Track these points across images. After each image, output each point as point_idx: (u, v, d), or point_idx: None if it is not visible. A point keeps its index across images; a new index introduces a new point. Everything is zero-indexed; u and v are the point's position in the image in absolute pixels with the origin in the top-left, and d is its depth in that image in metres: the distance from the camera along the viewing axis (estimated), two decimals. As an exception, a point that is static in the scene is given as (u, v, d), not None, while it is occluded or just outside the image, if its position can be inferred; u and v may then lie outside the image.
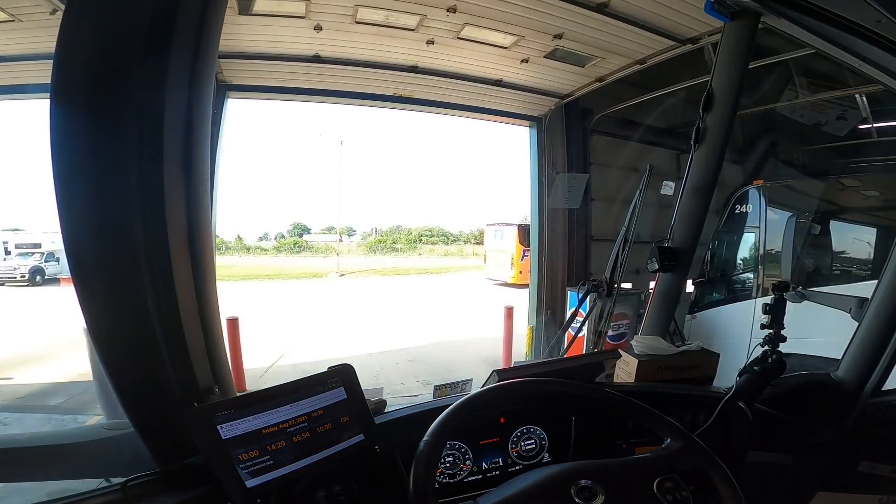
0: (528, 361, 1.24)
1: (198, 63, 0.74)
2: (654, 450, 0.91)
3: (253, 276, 18.93)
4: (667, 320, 1.66)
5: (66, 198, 0.67)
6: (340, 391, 0.90)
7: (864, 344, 1.44)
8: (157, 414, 0.82)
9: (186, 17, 0.71)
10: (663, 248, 1.64)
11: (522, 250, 13.67)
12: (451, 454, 1.05)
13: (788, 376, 1.35)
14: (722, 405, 1.16)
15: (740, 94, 1.48)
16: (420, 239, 39.89)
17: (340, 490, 0.88)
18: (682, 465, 0.86)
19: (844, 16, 1.10)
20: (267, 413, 0.80)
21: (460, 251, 37.06)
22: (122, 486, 0.77)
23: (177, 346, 0.80)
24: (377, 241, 38.52)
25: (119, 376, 0.77)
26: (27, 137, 15.57)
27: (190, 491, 0.83)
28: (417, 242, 39.44)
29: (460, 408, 0.86)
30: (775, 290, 1.20)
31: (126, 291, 0.74)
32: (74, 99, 0.65)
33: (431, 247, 39.39)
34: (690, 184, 1.60)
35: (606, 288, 1.74)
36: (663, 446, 0.91)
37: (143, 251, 0.72)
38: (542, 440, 1.13)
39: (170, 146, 0.72)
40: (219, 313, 0.92)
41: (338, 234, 30.44)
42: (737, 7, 1.40)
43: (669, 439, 0.91)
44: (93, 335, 0.73)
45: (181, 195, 0.77)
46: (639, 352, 1.40)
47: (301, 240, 39.43)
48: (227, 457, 0.74)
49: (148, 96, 0.68)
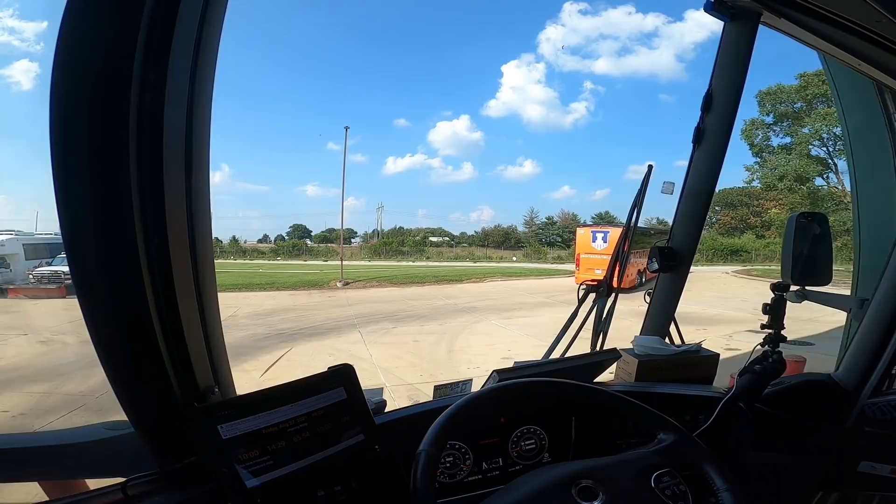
0: (529, 362, 1.23)
1: (198, 63, 0.75)
2: (648, 445, 0.92)
3: (243, 283, 15.63)
4: (667, 320, 1.66)
5: (66, 198, 0.67)
6: (340, 391, 0.90)
7: (863, 344, 1.44)
8: (157, 414, 0.82)
9: (186, 17, 0.71)
10: (663, 248, 1.64)
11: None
12: (452, 454, 1.05)
13: (788, 376, 1.35)
14: (722, 405, 1.16)
15: (741, 94, 1.48)
16: (425, 241, 39.37)
17: (340, 490, 0.88)
18: (676, 458, 0.87)
19: (844, 16, 1.10)
20: (267, 413, 0.80)
21: (470, 254, 36.44)
22: (122, 486, 0.77)
23: (177, 346, 0.80)
24: (382, 243, 37.82)
25: (119, 376, 0.77)
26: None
27: (190, 491, 0.83)
28: (425, 244, 38.74)
29: (461, 408, 0.86)
30: (775, 290, 1.20)
31: (126, 291, 0.73)
32: (74, 99, 0.65)
33: (437, 248, 38.63)
34: (690, 184, 1.60)
35: (607, 288, 1.74)
36: (656, 441, 0.92)
37: (143, 251, 0.72)
38: (542, 440, 1.13)
39: (170, 146, 0.72)
40: (219, 313, 0.92)
41: (340, 236, 28.95)
42: (737, 7, 1.40)
43: (661, 433, 0.92)
44: (93, 335, 0.73)
45: (181, 195, 0.77)
46: (639, 352, 1.40)
47: (300, 241, 38.95)
48: (226, 457, 0.74)
49: (148, 96, 0.68)
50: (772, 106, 24.92)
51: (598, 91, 45.39)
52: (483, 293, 15.21)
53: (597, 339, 1.72)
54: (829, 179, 25.28)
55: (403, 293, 15.49)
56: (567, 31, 42.54)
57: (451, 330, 8.96)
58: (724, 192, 35.88)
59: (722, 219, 35.48)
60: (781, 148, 25.71)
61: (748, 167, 27.07)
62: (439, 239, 40.74)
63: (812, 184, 24.99)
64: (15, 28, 19.63)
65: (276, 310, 11.34)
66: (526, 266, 28.04)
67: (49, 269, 10.45)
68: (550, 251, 36.79)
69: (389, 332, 8.81)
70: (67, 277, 5.91)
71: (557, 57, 43.29)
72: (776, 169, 25.29)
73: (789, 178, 24.60)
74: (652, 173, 1.67)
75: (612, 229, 15.78)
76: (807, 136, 24.46)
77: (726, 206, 35.62)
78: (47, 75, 0.63)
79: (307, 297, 14.16)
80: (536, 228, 41.23)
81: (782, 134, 25.67)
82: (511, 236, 40.54)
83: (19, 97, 18.82)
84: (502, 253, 37.39)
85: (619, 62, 43.51)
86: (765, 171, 26.02)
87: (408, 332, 8.85)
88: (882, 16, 0.98)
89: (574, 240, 16.53)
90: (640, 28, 42.11)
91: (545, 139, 49.85)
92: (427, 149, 50.76)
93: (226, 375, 0.95)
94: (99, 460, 0.91)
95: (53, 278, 9.96)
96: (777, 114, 25.15)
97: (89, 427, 0.94)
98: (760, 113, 25.42)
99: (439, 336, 8.42)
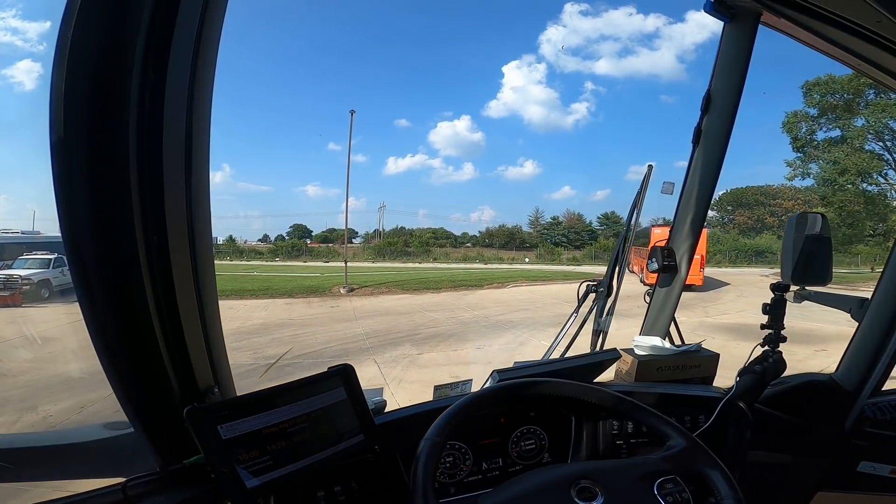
0: (529, 362, 1.23)
1: (198, 63, 0.75)
2: (656, 451, 0.91)
3: (232, 290, 13.71)
4: (667, 320, 1.66)
5: (66, 198, 0.67)
6: (340, 391, 0.90)
7: (863, 344, 1.44)
8: (157, 414, 0.82)
9: (186, 17, 0.71)
10: (663, 248, 1.64)
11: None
12: (451, 454, 1.05)
13: (788, 376, 1.35)
14: (722, 405, 1.16)
15: (741, 94, 1.48)
16: (431, 241, 38.77)
17: (340, 490, 0.88)
18: (683, 466, 0.86)
19: (844, 16, 1.10)
20: (267, 413, 0.80)
21: (479, 255, 35.65)
22: (122, 486, 0.77)
23: (177, 346, 0.80)
24: (386, 243, 37.15)
25: (119, 376, 0.77)
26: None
27: (190, 491, 0.83)
28: (430, 245, 37.88)
29: (461, 408, 0.86)
30: (775, 290, 1.19)
31: (126, 291, 0.74)
32: (74, 99, 0.65)
33: (442, 249, 37.71)
34: (690, 185, 1.60)
35: (607, 287, 1.74)
36: (665, 447, 0.91)
37: (142, 251, 0.72)
38: (542, 440, 1.13)
39: (170, 146, 0.72)
40: (219, 313, 0.92)
41: (344, 236, 27.50)
42: (737, 7, 1.40)
43: (671, 440, 0.91)
44: (93, 335, 0.73)
45: (181, 195, 0.77)
46: (639, 352, 1.40)
47: (300, 241, 38.39)
48: (227, 457, 0.74)
49: (148, 96, 0.68)
50: (820, 97, 22.03)
51: (599, 92, 45.45)
52: (512, 302, 13.07)
53: (597, 339, 1.72)
54: (888, 177, 22.54)
55: (418, 302, 13.31)
56: (568, 32, 42.59)
57: (496, 357, 6.84)
58: (737, 191, 35.12)
59: (737, 219, 34.67)
60: (828, 142, 22.93)
61: (790, 162, 24.11)
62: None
63: (873, 180, 22.43)
64: (18, 28, 19.66)
65: (266, 326, 9.41)
66: (544, 268, 26.27)
67: (3, 274, 8.83)
68: (565, 252, 35.84)
69: (415, 362, 6.72)
70: (26, 282, 6.09)
71: (558, 58, 43.33)
72: (836, 163, 22.03)
73: (851, 172, 21.58)
74: (652, 173, 1.68)
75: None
76: (860, 129, 21.73)
77: (741, 206, 34.82)
78: (48, 75, 0.63)
79: (306, 307, 12.15)
80: (542, 229, 41.08)
81: (828, 127, 22.72)
82: (516, 236, 40.29)
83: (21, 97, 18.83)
84: (513, 254, 36.57)
85: (620, 63, 43.56)
86: (823, 164, 22.98)
87: (438, 360, 6.87)
88: (882, 16, 0.98)
89: (648, 239, 16.36)
90: (640, 29, 42.14)
91: (546, 140, 49.95)
92: (428, 149, 50.79)
93: (226, 375, 0.95)
94: (99, 460, 0.91)
95: (9, 284, 8.37)
96: (824, 106, 22.30)
97: (89, 427, 0.94)
98: (806, 104, 22.74)
99: (483, 368, 5.74)
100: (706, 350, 1.45)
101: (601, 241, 35.37)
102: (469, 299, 13.76)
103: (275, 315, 10.70)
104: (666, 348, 1.42)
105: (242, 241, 37.50)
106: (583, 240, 38.39)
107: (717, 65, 1.50)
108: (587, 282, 1.77)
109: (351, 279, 15.71)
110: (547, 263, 31.93)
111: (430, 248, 36.97)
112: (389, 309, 11.83)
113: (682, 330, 1.65)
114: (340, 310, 11.76)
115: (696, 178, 1.58)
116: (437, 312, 11.06)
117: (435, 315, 10.76)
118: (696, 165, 1.57)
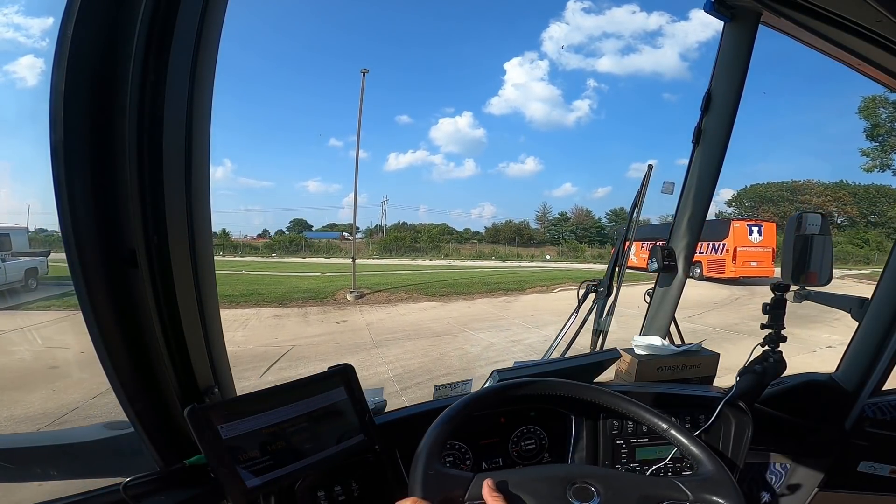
0: (529, 362, 1.23)
1: (197, 63, 0.74)
2: (683, 477, 0.80)
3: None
4: (667, 320, 1.67)
5: (65, 197, 0.67)
6: (340, 391, 0.90)
7: (863, 344, 1.44)
8: (157, 414, 0.82)
9: (186, 16, 0.71)
10: (663, 248, 1.64)
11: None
12: (451, 454, 1.05)
13: (788, 376, 1.36)
14: (722, 405, 1.16)
15: (741, 94, 1.48)
16: (439, 236, 37.57)
17: (340, 490, 0.88)
18: (701, 494, 0.75)
19: (844, 16, 1.10)
20: (267, 413, 0.80)
21: (494, 251, 33.97)
22: (122, 487, 0.77)
23: (177, 346, 0.80)
24: (393, 238, 35.56)
25: (119, 376, 0.77)
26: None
27: (190, 491, 0.83)
28: (440, 240, 36.06)
29: (461, 408, 0.86)
30: (775, 290, 1.19)
31: (126, 291, 0.73)
32: (74, 98, 0.65)
33: (449, 245, 35.86)
34: (690, 185, 1.60)
35: (607, 287, 1.74)
36: (695, 474, 0.81)
37: (142, 251, 0.72)
38: (542, 440, 1.13)
39: (169, 145, 0.72)
40: (219, 313, 0.92)
41: (347, 230, 25.14)
42: (737, 7, 1.40)
43: (702, 468, 0.81)
44: (92, 335, 0.73)
45: (181, 195, 0.77)
46: (639, 352, 1.40)
47: (299, 236, 37.13)
48: (227, 457, 0.74)
49: (148, 95, 0.68)
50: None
51: (602, 89, 45.43)
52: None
53: (597, 338, 1.72)
54: None
55: (452, 313, 9.90)
56: (570, 30, 42.55)
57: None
58: (757, 187, 34.05)
59: (762, 215, 33.08)
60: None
61: (865, 151, 21.13)
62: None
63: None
64: (21, 24, 19.57)
65: (238, 358, 5.70)
66: (573, 267, 23.77)
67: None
68: (589, 249, 34.16)
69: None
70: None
71: (561, 55, 43.29)
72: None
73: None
74: (652, 173, 1.68)
75: (765, 224, 15.98)
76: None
77: (765, 202, 33.75)
78: (50, 72, 0.63)
79: (302, 324, 8.65)
80: (549, 225, 40.76)
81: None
82: (523, 232, 39.83)
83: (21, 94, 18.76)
84: (533, 251, 35.11)
85: (623, 61, 43.54)
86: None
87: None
88: (882, 16, 0.98)
89: (730, 234, 16.19)
90: (643, 27, 42.09)
91: (548, 137, 49.97)
92: (429, 145, 50.85)
93: (226, 375, 0.95)
94: (99, 460, 0.91)
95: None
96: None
97: (89, 427, 0.94)
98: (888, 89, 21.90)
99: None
100: (706, 350, 1.45)
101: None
102: (518, 309, 10.59)
103: (255, 337, 7.33)
104: (666, 348, 1.42)
105: (242, 237, 36.43)
106: (591, 236, 37.96)
107: (717, 64, 1.50)
108: (588, 282, 1.77)
109: (359, 280, 12.87)
110: (570, 261, 29.90)
111: (440, 244, 35.73)
112: (419, 326, 8.34)
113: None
114: (350, 325, 8.47)
115: (695, 178, 1.58)
116: (490, 333, 7.76)
117: (484, 337, 7.46)
118: (696, 165, 1.57)
